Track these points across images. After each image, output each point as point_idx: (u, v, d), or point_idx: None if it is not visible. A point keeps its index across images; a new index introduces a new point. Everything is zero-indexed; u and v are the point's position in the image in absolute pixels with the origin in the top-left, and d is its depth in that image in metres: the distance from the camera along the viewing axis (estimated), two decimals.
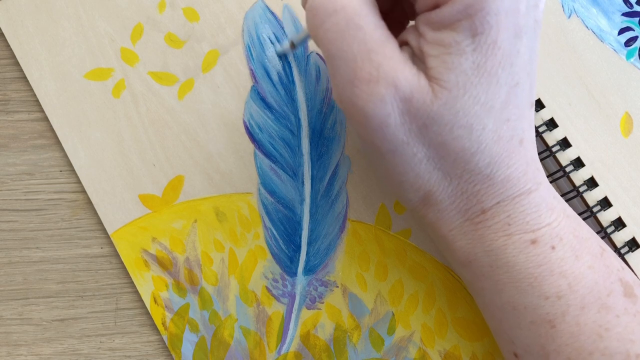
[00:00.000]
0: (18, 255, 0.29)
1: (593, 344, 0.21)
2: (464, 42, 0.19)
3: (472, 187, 0.21)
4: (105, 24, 0.30)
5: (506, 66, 0.19)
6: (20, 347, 0.28)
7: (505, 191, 0.21)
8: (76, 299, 0.28)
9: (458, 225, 0.22)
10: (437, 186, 0.21)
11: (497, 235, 0.21)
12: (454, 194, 0.21)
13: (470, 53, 0.19)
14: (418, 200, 0.22)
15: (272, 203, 0.29)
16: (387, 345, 0.28)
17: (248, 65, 0.30)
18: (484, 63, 0.19)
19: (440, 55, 0.19)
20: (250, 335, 0.28)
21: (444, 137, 0.20)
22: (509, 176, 0.21)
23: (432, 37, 0.19)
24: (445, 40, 0.19)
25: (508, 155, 0.20)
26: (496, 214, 0.21)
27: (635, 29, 0.31)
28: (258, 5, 0.30)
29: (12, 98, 0.30)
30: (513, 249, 0.21)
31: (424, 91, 0.19)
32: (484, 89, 0.19)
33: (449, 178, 0.21)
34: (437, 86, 0.19)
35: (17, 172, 0.29)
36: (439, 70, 0.19)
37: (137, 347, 0.28)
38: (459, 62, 0.19)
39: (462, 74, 0.19)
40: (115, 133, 0.29)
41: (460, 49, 0.19)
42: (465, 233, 0.22)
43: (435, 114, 0.19)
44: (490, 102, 0.19)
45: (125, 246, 0.28)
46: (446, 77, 0.19)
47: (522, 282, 0.21)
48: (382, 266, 0.28)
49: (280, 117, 0.29)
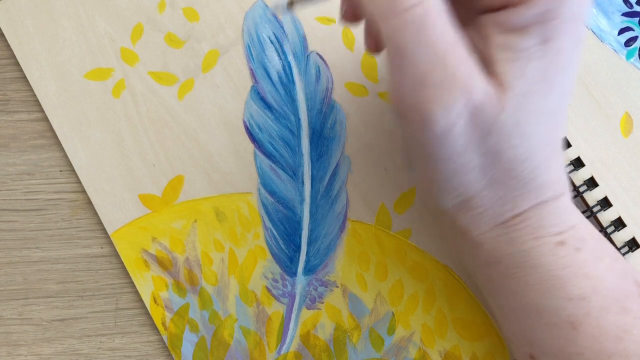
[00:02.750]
0: (18, 255, 0.29)
1: (613, 345, 0.20)
2: (534, 47, 0.18)
3: (512, 193, 0.20)
4: (105, 23, 0.30)
5: (566, 74, 0.19)
6: (20, 347, 0.28)
7: (542, 195, 0.21)
8: (76, 299, 0.28)
9: (489, 229, 0.22)
10: (480, 192, 0.21)
11: (527, 238, 0.21)
12: (493, 200, 0.21)
13: (538, 60, 0.18)
14: (455, 205, 0.22)
15: (272, 203, 0.29)
16: (387, 345, 0.28)
17: (248, 65, 0.30)
18: (547, 70, 0.18)
19: (508, 61, 0.18)
20: (250, 335, 0.28)
21: (502, 145, 0.19)
22: (547, 180, 0.20)
23: (501, 40, 0.18)
24: (515, 45, 0.18)
25: (551, 160, 0.20)
26: (528, 217, 0.21)
27: (635, 29, 0.31)
28: (258, 5, 0.30)
29: (12, 98, 0.30)
30: (541, 251, 0.21)
31: (493, 101, 0.18)
32: (543, 96, 0.19)
33: (495, 184, 0.20)
34: (504, 95, 0.18)
35: (17, 172, 0.29)
36: (508, 78, 0.18)
37: (137, 347, 0.28)
38: (527, 68, 0.18)
39: (527, 82, 0.18)
40: (115, 133, 0.29)
41: (529, 54, 0.18)
42: (495, 236, 0.22)
43: (498, 124, 0.19)
44: (545, 109, 0.19)
45: (125, 246, 0.28)
46: (514, 84, 0.18)
47: (547, 283, 0.21)
48: (382, 266, 0.28)
49: (280, 117, 0.29)
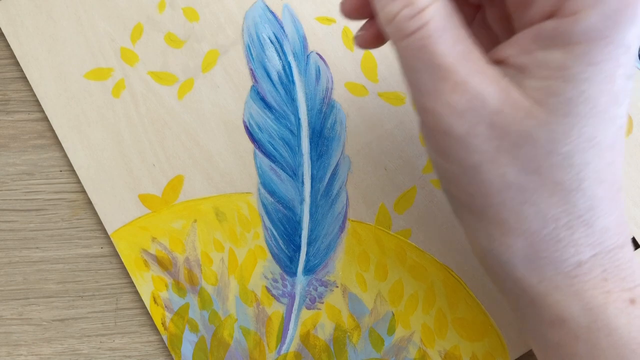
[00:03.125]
0: (18, 255, 0.29)
1: None
2: (576, 68, 0.16)
3: (571, 235, 0.19)
4: (105, 23, 0.30)
5: (617, 105, 0.17)
6: (20, 347, 0.28)
7: (603, 242, 0.19)
8: (76, 299, 0.28)
9: (550, 276, 0.19)
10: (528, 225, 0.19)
11: (595, 292, 0.19)
12: (548, 239, 0.19)
13: (581, 82, 0.17)
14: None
15: (271, 203, 0.29)
16: (387, 346, 0.28)
17: (248, 65, 0.30)
18: (595, 97, 0.17)
19: (544, 78, 0.17)
20: (250, 335, 0.28)
21: (539, 161, 0.18)
22: (607, 225, 0.19)
23: (539, 55, 0.17)
24: (554, 62, 0.17)
25: (609, 202, 0.18)
26: (593, 267, 0.19)
27: None
28: (258, 5, 0.30)
29: (12, 98, 0.30)
30: (614, 308, 0.19)
31: (516, 106, 0.17)
32: (592, 123, 0.17)
33: (544, 218, 0.19)
34: (533, 105, 0.17)
35: (17, 172, 0.29)
36: (539, 92, 0.17)
37: (137, 347, 0.28)
38: (565, 88, 0.17)
39: (566, 102, 0.17)
40: (115, 133, 0.29)
41: (569, 74, 0.17)
42: (559, 287, 0.19)
43: (528, 133, 0.17)
44: (597, 139, 0.17)
45: (125, 246, 0.28)
46: (545, 99, 0.17)
47: (624, 348, 0.19)
48: (382, 266, 0.28)
49: (280, 117, 0.29)
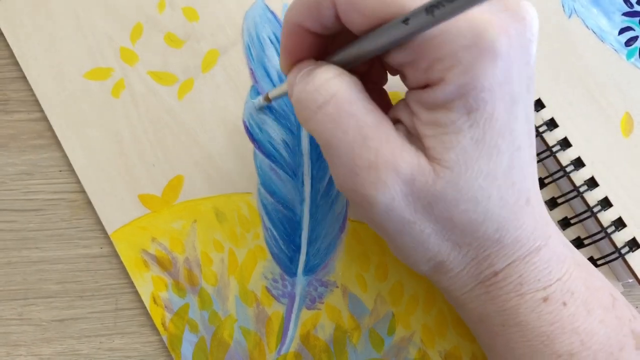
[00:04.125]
0: (17, 256, 0.29)
1: None
2: (459, 120, 0.18)
3: (483, 252, 0.21)
4: (104, 23, 0.30)
5: (506, 134, 0.19)
6: (20, 348, 0.28)
7: (516, 252, 0.21)
8: (76, 299, 0.28)
9: (470, 288, 0.22)
10: (448, 256, 0.21)
11: (509, 296, 0.21)
12: (465, 261, 0.21)
13: (467, 130, 0.18)
14: (430, 269, 0.22)
15: (271, 203, 0.28)
16: (387, 346, 0.28)
17: (248, 65, 0.30)
18: (483, 137, 0.19)
19: (437, 135, 0.19)
20: (250, 335, 0.28)
21: (450, 212, 0.20)
22: (518, 237, 0.20)
23: (427, 117, 0.19)
24: (441, 120, 0.19)
25: (515, 217, 0.20)
26: (508, 275, 0.21)
27: (635, 28, 0.31)
28: (258, 5, 0.30)
29: (11, 98, 0.30)
30: (525, 308, 0.21)
31: (425, 172, 0.19)
32: (486, 161, 0.19)
33: (459, 247, 0.21)
34: (437, 166, 0.19)
35: (16, 172, 0.29)
36: (438, 150, 0.19)
37: (137, 347, 0.28)
38: (457, 140, 0.19)
39: (461, 152, 0.19)
40: (115, 133, 0.29)
41: (456, 127, 0.18)
42: (478, 295, 0.22)
43: (439, 192, 0.19)
44: (493, 172, 0.19)
45: (125, 246, 0.28)
46: (446, 156, 0.19)
47: (534, 341, 0.21)
48: (382, 266, 0.28)
49: (280, 117, 0.29)
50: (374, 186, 0.19)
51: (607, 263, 0.28)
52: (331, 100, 0.19)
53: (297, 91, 0.20)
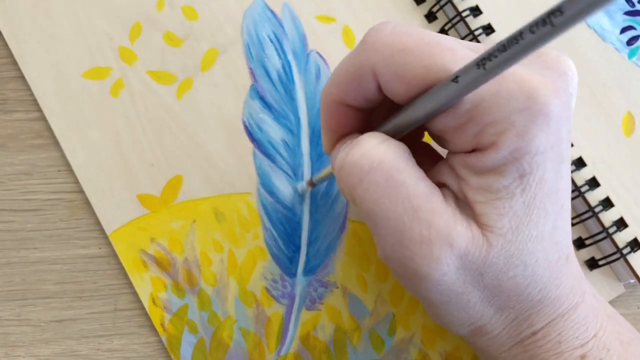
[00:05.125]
0: (16, 256, 0.28)
1: None
2: (512, 184, 0.18)
3: (524, 314, 0.20)
4: (103, 22, 0.30)
5: (552, 195, 0.18)
6: (18, 348, 0.28)
7: (556, 311, 0.20)
8: (74, 300, 0.28)
9: (508, 348, 0.22)
10: (489, 320, 0.21)
11: (547, 355, 0.21)
12: (505, 323, 0.21)
13: (520, 195, 0.18)
14: (468, 332, 0.22)
15: (271, 203, 0.28)
16: (387, 347, 0.27)
17: (247, 64, 0.30)
18: (533, 200, 0.18)
19: (489, 202, 0.18)
20: (249, 336, 0.27)
21: (499, 279, 0.19)
22: (558, 295, 0.20)
23: (476, 182, 0.18)
24: (493, 186, 0.18)
25: (556, 276, 0.20)
26: (547, 333, 0.21)
27: (637, 27, 0.31)
28: (257, 4, 0.30)
29: (10, 97, 0.30)
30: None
31: (479, 244, 0.18)
32: (535, 224, 0.18)
33: (501, 310, 0.20)
34: (490, 234, 0.18)
35: (15, 172, 0.29)
36: (491, 217, 0.18)
37: (136, 348, 0.28)
38: (510, 205, 0.18)
39: (514, 217, 0.18)
40: (114, 132, 0.29)
41: (509, 192, 0.18)
42: (515, 355, 0.21)
43: (491, 262, 0.19)
44: (541, 235, 0.19)
45: (124, 247, 0.28)
46: (499, 223, 0.18)
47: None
48: (382, 267, 0.28)
49: (280, 117, 0.29)
50: (426, 262, 0.18)
51: (608, 263, 0.28)
52: (378, 167, 0.18)
53: (340, 158, 0.19)
